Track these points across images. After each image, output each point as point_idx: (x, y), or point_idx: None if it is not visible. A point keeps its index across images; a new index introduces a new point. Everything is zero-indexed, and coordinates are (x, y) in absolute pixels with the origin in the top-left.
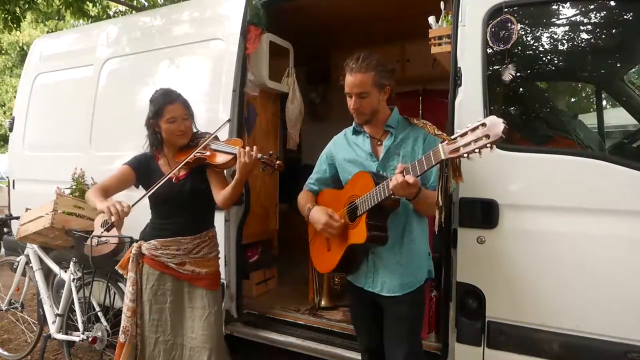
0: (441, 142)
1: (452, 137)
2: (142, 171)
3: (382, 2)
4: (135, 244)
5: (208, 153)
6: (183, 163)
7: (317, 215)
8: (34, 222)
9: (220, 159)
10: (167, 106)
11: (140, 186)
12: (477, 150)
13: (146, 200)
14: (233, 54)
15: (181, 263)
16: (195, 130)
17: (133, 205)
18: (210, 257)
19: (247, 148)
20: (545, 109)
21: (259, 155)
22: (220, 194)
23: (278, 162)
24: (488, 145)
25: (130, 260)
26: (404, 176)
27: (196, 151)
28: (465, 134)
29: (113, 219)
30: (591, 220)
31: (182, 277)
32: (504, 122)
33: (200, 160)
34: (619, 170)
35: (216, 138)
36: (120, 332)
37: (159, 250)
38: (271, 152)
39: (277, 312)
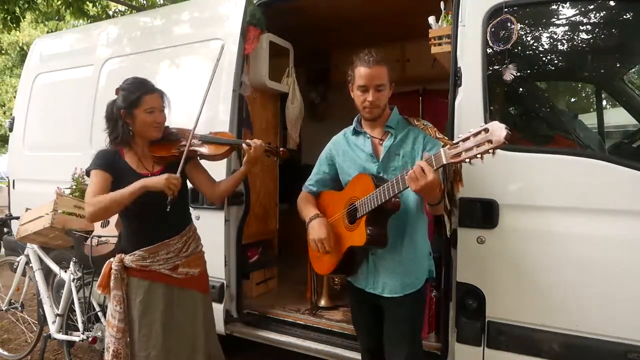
0: (443, 147)
1: (454, 141)
2: (115, 173)
3: (382, 2)
4: (114, 260)
5: (202, 146)
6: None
7: (319, 227)
8: (33, 222)
9: (214, 150)
10: (145, 96)
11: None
12: (478, 156)
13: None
14: (233, 54)
15: (174, 267)
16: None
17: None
18: (198, 252)
19: (255, 140)
20: (545, 109)
21: (264, 145)
22: (217, 188)
23: (282, 149)
24: (490, 150)
25: (113, 278)
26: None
27: (188, 143)
28: (467, 138)
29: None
30: (591, 220)
31: (174, 283)
32: (506, 128)
33: (192, 152)
34: (618, 170)
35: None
36: (110, 357)
37: (147, 259)
38: (269, 142)
39: (277, 312)
